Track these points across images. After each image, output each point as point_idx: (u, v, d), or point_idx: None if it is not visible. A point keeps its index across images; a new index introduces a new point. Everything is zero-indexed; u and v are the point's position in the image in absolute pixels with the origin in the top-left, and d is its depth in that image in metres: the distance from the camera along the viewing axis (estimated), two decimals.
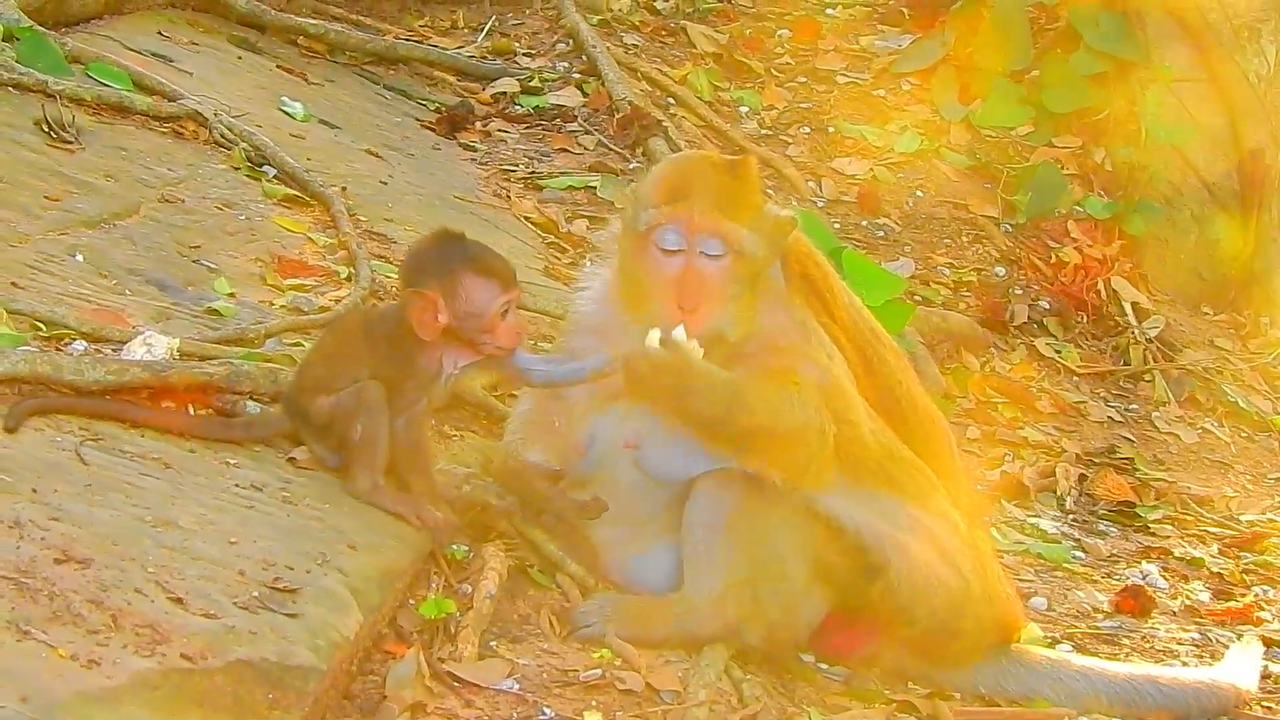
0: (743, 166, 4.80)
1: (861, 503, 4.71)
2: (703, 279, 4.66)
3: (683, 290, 4.66)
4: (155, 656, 3.50)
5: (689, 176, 4.75)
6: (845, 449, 4.68)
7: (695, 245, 4.66)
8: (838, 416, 4.66)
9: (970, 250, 8.73)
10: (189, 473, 4.32)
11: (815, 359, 4.70)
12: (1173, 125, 9.07)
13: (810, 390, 4.61)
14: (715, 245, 4.66)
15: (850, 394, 4.76)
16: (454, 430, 5.25)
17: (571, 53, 9.57)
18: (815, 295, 4.85)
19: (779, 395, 4.58)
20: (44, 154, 6.11)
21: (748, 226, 4.68)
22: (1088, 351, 8.48)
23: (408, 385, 4.56)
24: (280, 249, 6.09)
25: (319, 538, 4.20)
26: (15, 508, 3.82)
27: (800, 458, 4.61)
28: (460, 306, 4.51)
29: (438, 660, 4.17)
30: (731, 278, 4.67)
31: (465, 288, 4.51)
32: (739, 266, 4.68)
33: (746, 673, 4.55)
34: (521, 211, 7.74)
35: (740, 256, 4.67)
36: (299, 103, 7.92)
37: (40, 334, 4.82)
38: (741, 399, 4.56)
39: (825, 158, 9.11)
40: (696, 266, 4.67)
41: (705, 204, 4.67)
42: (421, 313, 4.50)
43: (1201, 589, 6.42)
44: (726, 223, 4.66)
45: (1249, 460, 8.03)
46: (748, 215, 4.70)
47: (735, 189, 4.73)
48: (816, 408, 4.60)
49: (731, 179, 4.75)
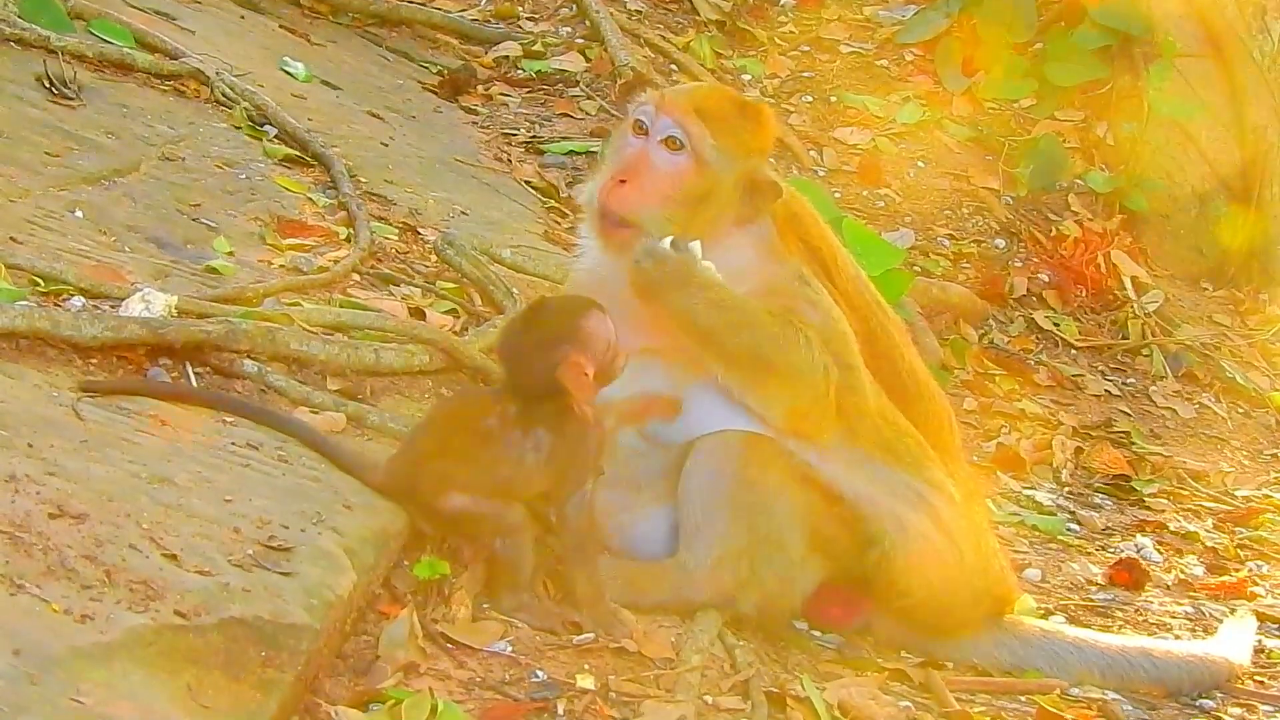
0: (753, 107, 4.81)
1: (859, 470, 4.70)
2: (650, 163, 4.67)
3: (626, 164, 4.68)
4: (149, 613, 3.50)
5: (696, 88, 4.76)
6: (845, 400, 4.67)
7: (658, 131, 4.67)
8: (839, 362, 4.65)
9: (970, 222, 8.71)
10: (185, 430, 4.31)
11: (817, 304, 4.69)
12: (1176, 101, 9.05)
13: (814, 331, 4.61)
14: (678, 136, 4.66)
15: (852, 343, 4.74)
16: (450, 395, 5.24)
17: (575, 18, 9.54)
18: (817, 261, 4.83)
19: (785, 330, 4.57)
20: (45, 110, 6.10)
21: (719, 142, 4.66)
22: (1086, 325, 8.48)
23: (578, 467, 4.37)
24: (280, 209, 6.08)
25: (315, 497, 4.19)
26: (11, 462, 3.81)
27: (804, 398, 4.60)
28: (599, 351, 4.35)
29: (431, 621, 4.17)
30: (679, 177, 4.65)
31: (592, 333, 4.35)
32: (692, 172, 4.66)
33: (739, 639, 4.56)
34: (522, 176, 7.74)
35: (698, 161, 4.65)
36: (301, 63, 7.90)
37: (39, 289, 4.80)
38: (748, 317, 4.55)
39: (827, 127, 9.09)
40: (651, 150, 4.68)
41: (686, 100, 4.70)
42: (577, 379, 4.29)
43: (1196, 563, 6.43)
44: (696, 121, 4.65)
45: (1245, 436, 8.04)
46: (726, 135, 4.68)
47: (729, 114, 4.72)
48: (820, 349, 4.59)
49: (731, 106, 4.75)
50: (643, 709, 4.06)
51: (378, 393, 4.96)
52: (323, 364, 4.91)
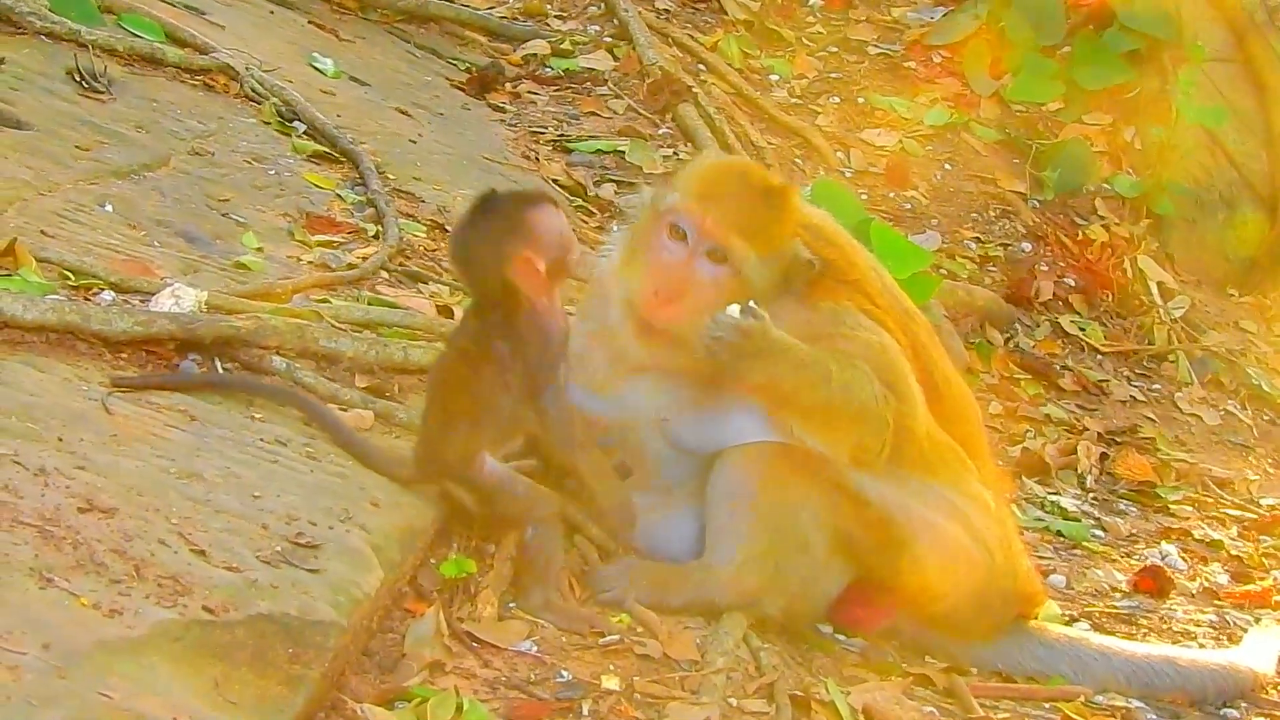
0: (780, 195, 4.73)
1: (889, 477, 4.70)
2: (691, 278, 4.63)
3: (668, 279, 4.63)
4: (177, 608, 3.51)
5: (724, 181, 4.72)
6: (897, 432, 4.68)
7: (700, 246, 4.63)
8: (894, 390, 4.66)
9: (997, 225, 8.70)
10: (214, 425, 4.32)
11: (862, 338, 4.69)
12: (1204, 106, 9.02)
13: (870, 367, 4.62)
14: (718, 255, 4.64)
15: (905, 369, 4.75)
16: None
17: (603, 16, 9.53)
18: (853, 288, 4.80)
19: (852, 377, 4.58)
20: (76, 103, 6.12)
21: (760, 253, 4.64)
22: (1112, 330, 8.46)
23: (543, 362, 4.33)
24: (309, 205, 6.09)
25: (342, 494, 4.20)
26: (41, 456, 3.83)
27: (865, 438, 4.63)
28: (550, 245, 4.30)
29: (457, 620, 4.18)
30: (720, 291, 4.62)
31: (539, 225, 4.30)
32: (733, 286, 4.63)
33: (764, 642, 4.55)
34: (549, 174, 7.73)
35: (739, 278, 4.64)
36: (329, 59, 7.91)
37: (69, 283, 4.83)
38: (821, 372, 4.55)
39: (854, 128, 9.08)
40: (693, 264, 4.63)
41: (726, 214, 4.63)
42: (527, 275, 4.26)
43: (1220, 571, 6.42)
44: (738, 241, 4.61)
45: (1271, 444, 8.02)
46: (765, 243, 4.64)
47: (763, 213, 4.67)
48: (879, 386, 4.61)
49: (764, 202, 4.70)
50: (667, 710, 4.06)
51: (406, 390, 4.96)
52: (351, 360, 4.92)
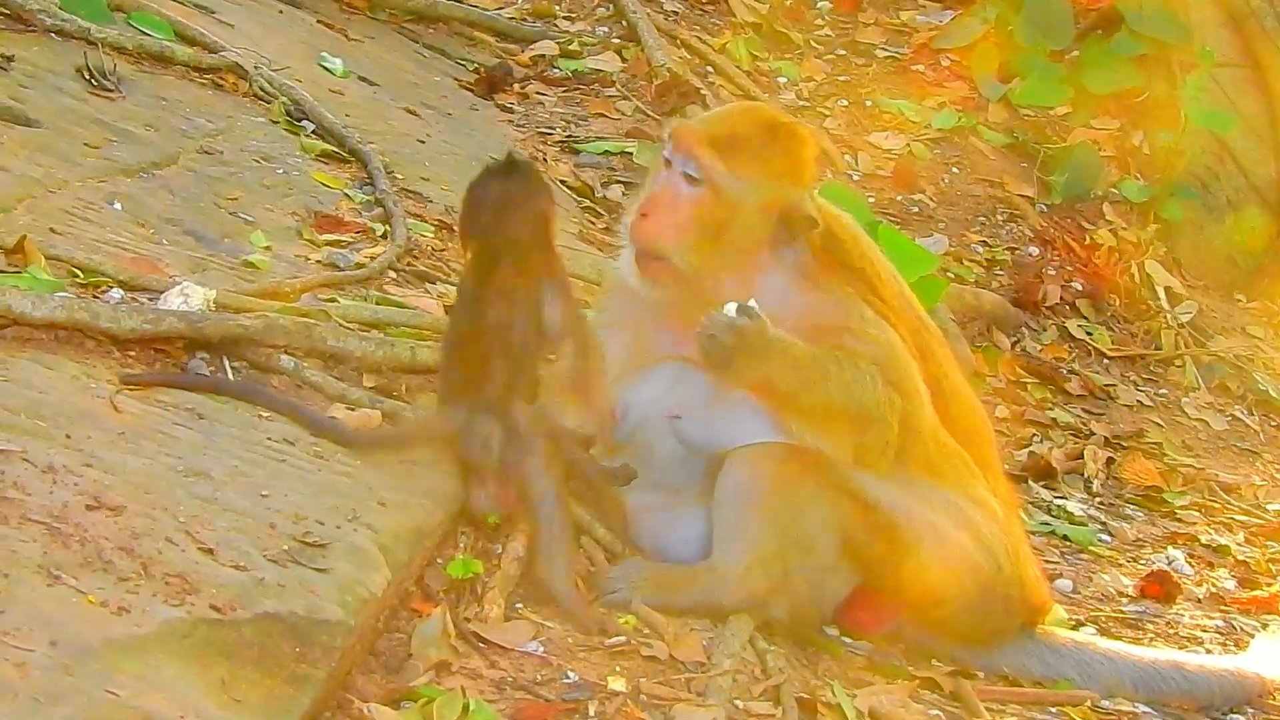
0: (785, 129, 4.77)
1: (896, 481, 4.70)
2: (669, 196, 4.68)
3: (650, 199, 4.71)
4: (184, 606, 3.51)
5: (723, 113, 4.86)
6: (903, 432, 4.69)
7: (678, 165, 4.68)
8: (900, 389, 4.67)
9: (1004, 229, 8.69)
10: (221, 424, 4.32)
11: (870, 334, 4.69)
12: (1212, 111, 9.01)
13: (875, 366, 4.62)
14: (691, 169, 4.66)
15: (911, 367, 4.75)
16: None
17: (611, 18, 9.52)
18: (862, 282, 4.81)
19: (854, 376, 4.58)
20: (85, 101, 6.11)
21: (738, 173, 4.65)
22: (1119, 335, 8.45)
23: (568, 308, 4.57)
24: (317, 204, 6.09)
25: (349, 494, 4.20)
26: (49, 453, 3.83)
27: (870, 439, 4.64)
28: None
29: (463, 620, 4.18)
30: (697, 209, 4.65)
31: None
32: (709, 202, 4.65)
33: (770, 644, 4.55)
34: (557, 175, 7.72)
35: (714, 191, 4.65)
36: (338, 58, 7.91)
37: (77, 280, 4.82)
38: (820, 372, 4.56)
39: (862, 131, 9.07)
40: (671, 182, 4.69)
41: (706, 133, 4.70)
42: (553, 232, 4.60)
43: (1227, 577, 6.41)
44: (706, 153, 4.65)
45: (1278, 449, 8.00)
46: (746, 165, 4.67)
47: (754, 138, 4.71)
48: (884, 385, 4.61)
49: (757, 129, 4.73)
50: (673, 712, 4.07)
51: (413, 390, 4.96)
52: (359, 360, 4.92)
